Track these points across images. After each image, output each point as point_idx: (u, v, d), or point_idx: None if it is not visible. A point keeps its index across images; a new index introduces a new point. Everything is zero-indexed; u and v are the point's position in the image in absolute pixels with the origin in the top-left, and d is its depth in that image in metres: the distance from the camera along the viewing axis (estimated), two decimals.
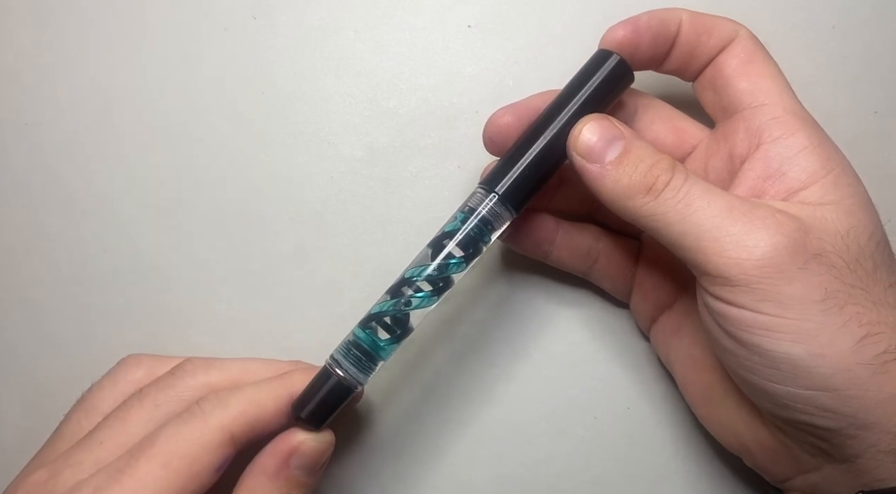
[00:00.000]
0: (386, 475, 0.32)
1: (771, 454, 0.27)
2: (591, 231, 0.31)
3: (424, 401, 0.33)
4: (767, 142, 0.26)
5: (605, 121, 0.26)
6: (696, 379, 0.29)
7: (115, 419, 0.26)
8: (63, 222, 0.34)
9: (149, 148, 0.34)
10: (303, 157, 0.34)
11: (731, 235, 0.23)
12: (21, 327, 0.34)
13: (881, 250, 0.24)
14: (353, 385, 0.27)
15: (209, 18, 0.35)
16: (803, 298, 0.23)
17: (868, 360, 0.23)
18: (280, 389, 0.26)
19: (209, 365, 0.28)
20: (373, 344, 0.27)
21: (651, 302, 0.31)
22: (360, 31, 0.35)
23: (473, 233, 0.27)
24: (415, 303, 0.27)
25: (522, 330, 0.33)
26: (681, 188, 0.25)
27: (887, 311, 0.23)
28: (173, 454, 0.24)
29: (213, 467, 0.25)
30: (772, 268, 0.23)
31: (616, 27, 0.27)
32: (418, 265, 0.27)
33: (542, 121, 0.27)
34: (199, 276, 0.33)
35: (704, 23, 0.28)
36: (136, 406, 0.26)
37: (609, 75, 0.27)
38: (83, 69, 0.35)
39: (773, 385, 0.24)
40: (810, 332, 0.23)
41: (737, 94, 0.27)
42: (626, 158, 0.25)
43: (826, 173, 0.25)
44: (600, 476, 0.32)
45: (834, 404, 0.23)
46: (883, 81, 0.33)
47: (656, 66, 0.29)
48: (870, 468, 0.23)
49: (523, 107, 0.28)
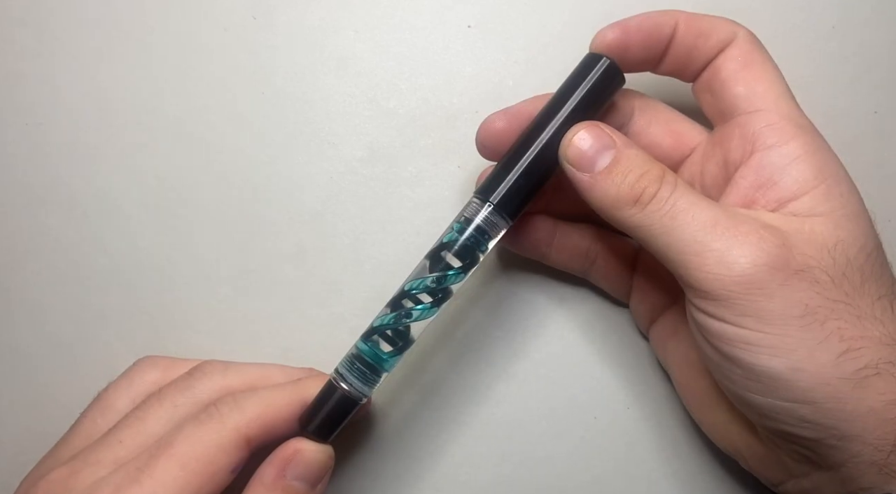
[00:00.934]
0: (386, 475, 0.32)
1: (762, 459, 0.27)
2: (590, 231, 0.31)
3: (424, 401, 0.33)
4: (761, 150, 0.26)
5: (595, 129, 0.26)
6: (692, 383, 0.30)
7: (135, 419, 0.26)
8: (63, 222, 0.34)
9: (149, 148, 0.34)
10: (303, 157, 0.34)
11: (712, 251, 0.24)
12: (21, 327, 0.34)
13: (871, 262, 0.24)
14: (358, 398, 0.27)
15: (209, 18, 0.35)
16: (783, 314, 0.23)
17: (848, 375, 0.23)
18: (294, 394, 0.27)
19: (226, 369, 0.28)
20: (375, 356, 0.27)
21: (649, 304, 0.31)
22: (360, 31, 0.35)
23: (470, 242, 0.27)
24: (415, 315, 0.27)
25: (522, 329, 0.33)
26: (667, 200, 0.25)
27: (872, 325, 0.23)
28: (191, 455, 0.24)
29: (229, 468, 0.25)
30: (751, 284, 0.23)
31: (605, 30, 0.27)
32: (417, 277, 0.27)
33: (533, 128, 0.27)
34: (199, 276, 0.33)
35: (701, 24, 0.27)
36: (156, 406, 0.27)
37: (599, 79, 0.27)
38: (83, 69, 0.35)
39: (755, 396, 0.24)
40: (789, 347, 0.23)
41: (733, 99, 0.27)
42: (616, 168, 0.25)
43: (818, 183, 0.25)
44: (600, 476, 0.32)
45: (814, 416, 0.23)
46: (883, 81, 0.33)
47: (651, 68, 0.29)
48: (854, 476, 0.23)
49: (515, 112, 0.28)
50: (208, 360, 0.29)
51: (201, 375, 0.28)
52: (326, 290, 0.33)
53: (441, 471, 0.32)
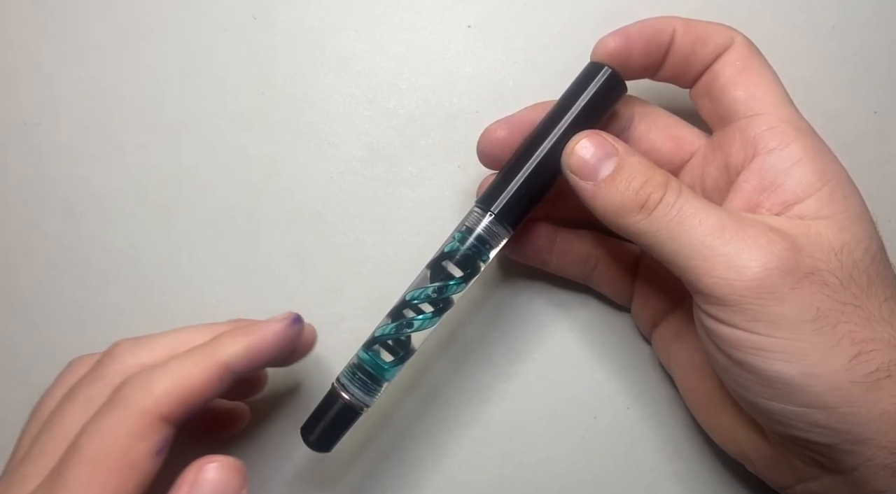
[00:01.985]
0: (386, 475, 0.32)
1: (770, 463, 0.27)
2: (591, 237, 0.31)
3: (425, 401, 0.33)
4: (763, 153, 0.26)
5: (597, 138, 0.26)
6: (697, 386, 0.29)
7: (52, 424, 0.25)
8: (62, 222, 0.34)
9: (148, 148, 0.34)
10: (303, 157, 0.34)
11: (721, 255, 0.23)
12: (19, 327, 0.33)
13: (876, 264, 0.24)
14: (360, 407, 0.27)
15: (209, 18, 0.35)
16: (794, 318, 0.23)
17: (860, 378, 0.23)
18: (209, 357, 0.25)
19: (137, 345, 0.26)
20: (377, 366, 0.27)
21: (651, 308, 0.31)
22: (360, 31, 0.34)
23: (471, 252, 0.27)
24: (416, 325, 0.27)
25: (522, 330, 0.33)
26: (672, 205, 0.24)
27: (881, 327, 0.23)
28: (101, 452, 0.23)
29: (152, 452, 0.23)
30: (762, 289, 0.23)
31: (606, 38, 0.27)
32: (418, 287, 0.27)
33: (535, 137, 0.27)
34: (198, 276, 0.33)
35: (698, 30, 0.27)
36: (69, 406, 0.25)
37: (601, 88, 0.27)
38: (83, 69, 0.35)
39: (767, 402, 0.24)
40: (802, 351, 0.23)
41: (732, 103, 0.27)
42: (619, 175, 0.25)
43: (821, 186, 0.25)
44: (600, 476, 0.32)
45: (827, 421, 0.23)
46: (883, 81, 0.33)
47: (651, 75, 0.29)
48: (867, 480, 0.23)
49: (517, 120, 0.28)
50: (119, 341, 0.27)
51: (111, 360, 0.26)
52: (326, 290, 0.33)
53: (442, 472, 0.32)
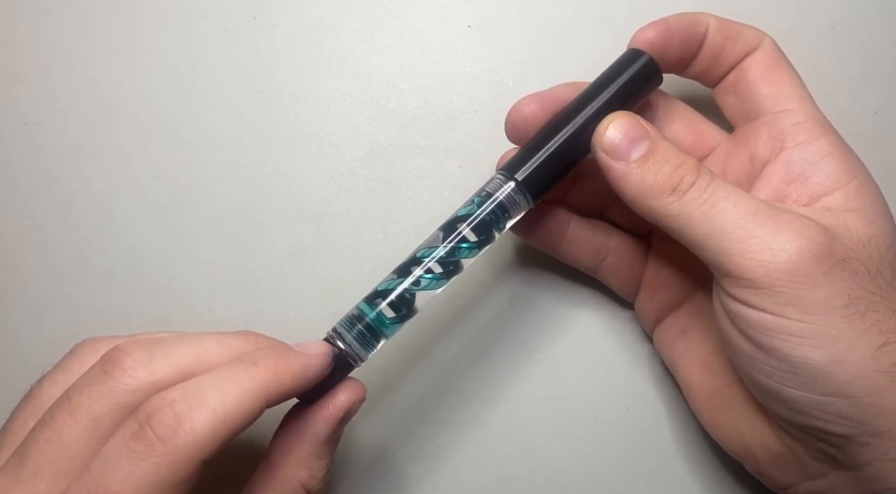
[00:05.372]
0: (387, 475, 0.32)
1: (776, 459, 0.27)
2: (602, 228, 0.31)
3: (425, 401, 0.33)
4: (791, 146, 0.26)
5: (631, 119, 0.26)
6: (702, 383, 0.29)
7: (47, 442, 0.21)
8: (62, 222, 0.34)
9: (148, 148, 0.34)
10: (303, 157, 0.34)
11: (756, 237, 0.23)
12: (19, 327, 0.33)
13: None
14: (354, 359, 0.26)
15: (209, 18, 0.35)
16: (826, 303, 0.23)
17: (886, 368, 0.23)
18: (248, 390, 0.22)
19: (151, 355, 0.22)
20: (378, 319, 0.26)
21: (658, 302, 0.31)
22: (360, 31, 0.34)
23: (489, 218, 0.27)
24: (423, 284, 0.26)
25: (523, 330, 0.33)
26: (706, 189, 0.25)
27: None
28: None
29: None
30: (797, 272, 0.23)
31: (646, 28, 0.27)
32: (430, 246, 0.27)
33: (567, 114, 0.27)
34: (198, 276, 0.33)
35: (731, 28, 0.28)
36: (69, 423, 0.21)
37: (638, 74, 0.27)
38: (83, 69, 0.35)
39: (789, 390, 0.24)
40: (831, 338, 0.23)
41: (760, 99, 0.27)
42: (652, 157, 0.25)
43: (849, 180, 0.25)
44: (600, 476, 0.32)
45: (850, 411, 0.23)
46: (883, 81, 0.33)
47: (682, 69, 0.29)
48: (879, 476, 0.23)
49: (548, 96, 0.28)
50: (123, 343, 0.23)
51: (120, 372, 0.22)
52: (326, 290, 0.33)
53: (442, 471, 0.32)
